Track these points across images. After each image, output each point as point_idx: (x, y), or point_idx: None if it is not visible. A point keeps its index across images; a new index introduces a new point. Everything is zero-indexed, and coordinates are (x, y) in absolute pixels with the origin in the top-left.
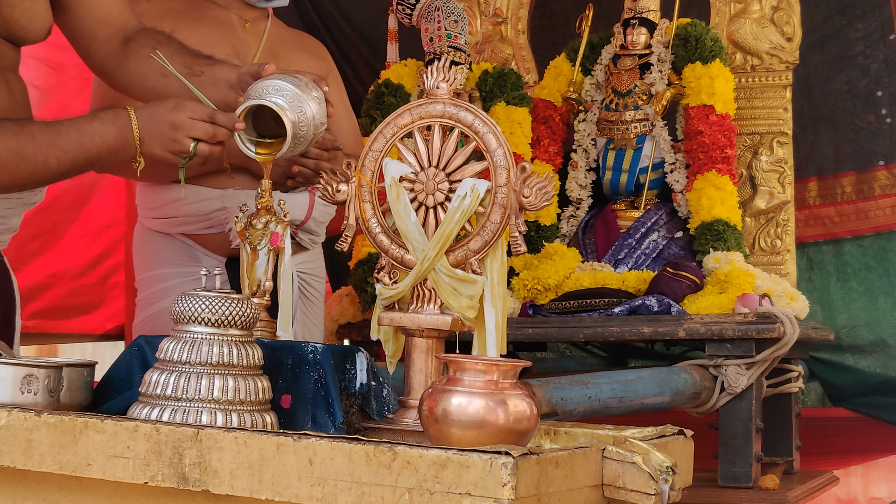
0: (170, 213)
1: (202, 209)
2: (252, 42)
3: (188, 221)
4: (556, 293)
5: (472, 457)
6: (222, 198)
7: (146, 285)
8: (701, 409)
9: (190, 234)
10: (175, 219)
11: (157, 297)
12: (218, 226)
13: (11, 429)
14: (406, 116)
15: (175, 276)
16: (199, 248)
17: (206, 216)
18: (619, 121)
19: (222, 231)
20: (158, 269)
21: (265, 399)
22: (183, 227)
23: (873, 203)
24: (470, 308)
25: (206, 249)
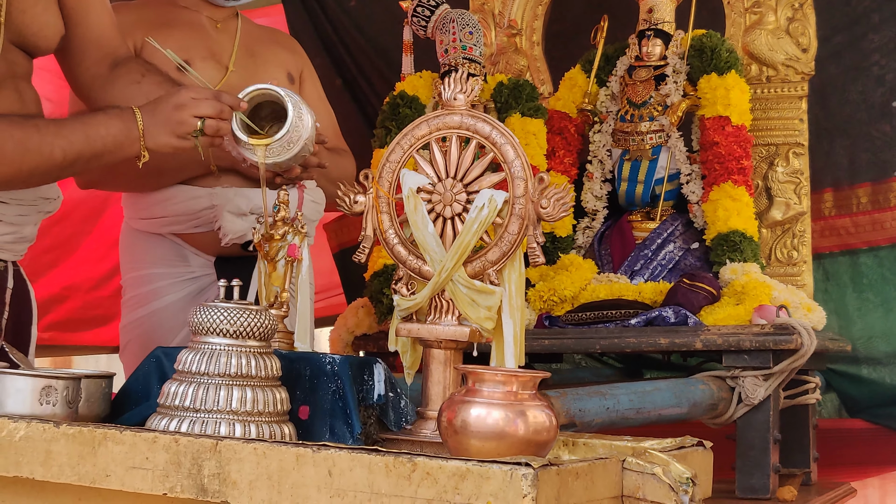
0: (158, 213)
1: (191, 208)
2: (226, 41)
3: (177, 221)
4: (573, 304)
5: (493, 468)
6: (211, 196)
7: (134, 285)
8: (718, 420)
9: (179, 234)
10: (164, 218)
11: (147, 299)
12: (206, 224)
13: (30, 440)
14: (423, 127)
15: (164, 277)
16: (188, 247)
17: (194, 215)
18: (634, 132)
19: (211, 229)
20: (147, 270)
21: (283, 410)
22: (172, 227)
23: (889, 214)
24: (488, 319)
25: (195, 248)
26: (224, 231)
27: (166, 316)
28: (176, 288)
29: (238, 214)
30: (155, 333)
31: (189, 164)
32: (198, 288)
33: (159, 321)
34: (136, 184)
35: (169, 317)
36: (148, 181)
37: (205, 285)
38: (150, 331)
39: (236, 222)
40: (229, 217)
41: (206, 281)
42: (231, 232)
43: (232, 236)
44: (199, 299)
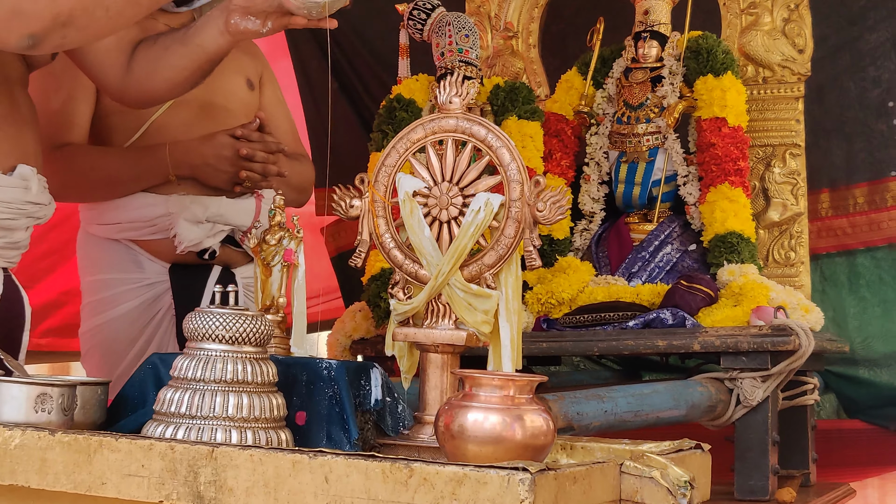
0: (114, 219)
1: (146, 214)
2: None
3: (132, 227)
4: (570, 307)
5: (490, 473)
6: (167, 203)
7: (91, 291)
8: (717, 422)
9: (134, 240)
10: (119, 224)
11: (105, 306)
12: (162, 231)
13: (25, 448)
14: (419, 131)
15: (120, 283)
16: (144, 253)
17: (150, 221)
18: (631, 134)
19: (167, 237)
20: (102, 275)
21: (280, 416)
22: (127, 233)
23: (886, 214)
24: (485, 323)
25: (151, 255)
26: (179, 238)
27: (124, 324)
28: (132, 295)
29: (194, 222)
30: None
31: (147, 173)
32: (153, 295)
33: (117, 329)
34: (93, 194)
35: (127, 325)
36: (105, 191)
37: (160, 292)
38: (109, 338)
39: (192, 230)
40: (185, 225)
41: (161, 288)
42: (186, 239)
43: (187, 244)
44: (155, 307)
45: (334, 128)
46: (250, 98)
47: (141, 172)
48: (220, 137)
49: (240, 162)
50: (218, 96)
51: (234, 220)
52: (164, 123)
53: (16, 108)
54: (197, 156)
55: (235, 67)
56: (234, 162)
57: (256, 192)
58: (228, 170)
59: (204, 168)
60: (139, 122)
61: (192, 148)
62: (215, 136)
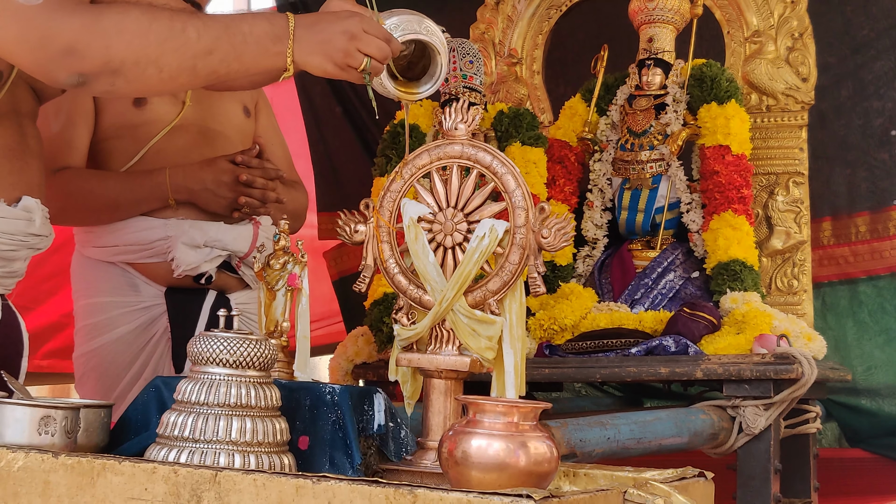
0: (111, 242)
1: (144, 238)
2: None
3: (130, 250)
4: (573, 333)
5: (494, 500)
6: (165, 227)
7: (86, 315)
8: (719, 449)
9: (131, 263)
10: (116, 247)
11: (100, 330)
12: (160, 255)
13: (29, 470)
14: (424, 157)
15: (116, 307)
16: (140, 276)
17: (147, 245)
18: (634, 161)
19: (163, 260)
20: (97, 298)
21: (283, 440)
22: (124, 256)
23: (888, 243)
24: (489, 349)
25: (147, 279)
26: (177, 262)
27: (120, 348)
28: (128, 319)
29: (192, 246)
30: (110, 366)
31: (147, 198)
32: (149, 319)
33: (113, 353)
34: (92, 217)
35: (123, 349)
36: (104, 215)
37: (156, 316)
38: (105, 363)
39: (190, 254)
40: (183, 249)
41: (157, 311)
42: (184, 263)
43: (185, 268)
44: (151, 330)
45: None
46: (246, 125)
47: (140, 197)
48: (220, 163)
49: (239, 188)
50: (215, 122)
51: (231, 246)
52: (161, 148)
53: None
54: (196, 181)
55: (232, 95)
56: (234, 187)
57: (254, 218)
58: (227, 195)
59: (203, 193)
60: (137, 147)
61: (191, 173)
62: (215, 162)
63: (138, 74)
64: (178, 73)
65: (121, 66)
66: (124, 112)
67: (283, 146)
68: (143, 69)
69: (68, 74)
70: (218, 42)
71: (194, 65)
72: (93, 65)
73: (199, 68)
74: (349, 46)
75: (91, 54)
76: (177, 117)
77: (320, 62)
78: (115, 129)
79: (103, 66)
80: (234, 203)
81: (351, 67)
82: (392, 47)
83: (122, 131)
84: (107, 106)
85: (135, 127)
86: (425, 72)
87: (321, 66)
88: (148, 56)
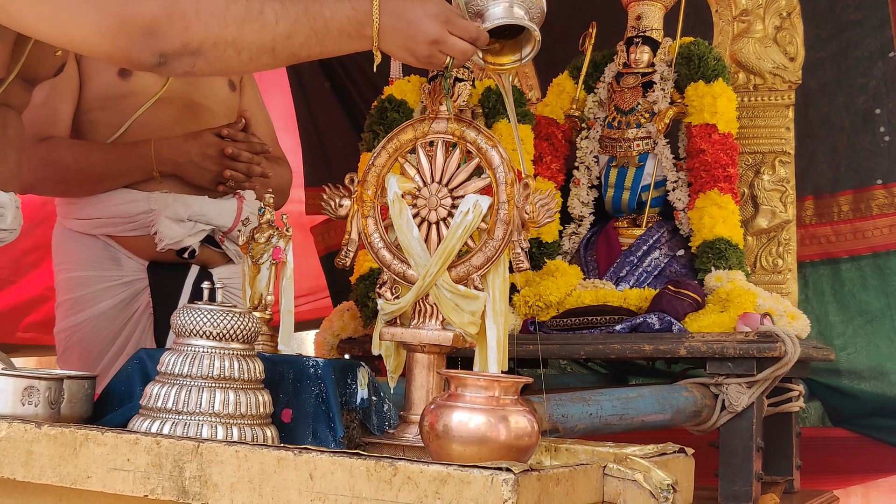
0: (93, 214)
1: (128, 211)
2: None
3: (112, 223)
4: (558, 310)
5: (473, 473)
6: (149, 200)
7: (67, 289)
8: (702, 427)
9: (113, 236)
10: (98, 219)
11: (82, 305)
12: (143, 228)
13: (12, 440)
14: (409, 132)
15: (97, 281)
16: (122, 250)
17: (131, 218)
18: (621, 138)
19: (146, 234)
20: (79, 272)
21: (266, 413)
22: (106, 228)
23: (870, 222)
24: (471, 324)
25: (130, 252)
26: (161, 236)
27: (102, 323)
28: (110, 293)
29: (176, 220)
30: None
31: (131, 169)
32: (131, 293)
33: (96, 328)
34: (75, 188)
35: (105, 324)
36: (87, 186)
37: (138, 290)
38: (87, 338)
39: (173, 228)
40: (167, 222)
41: (139, 286)
42: (168, 237)
43: (168, 242)
44: (133, 305)
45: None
46: (232, 99)
47: (124, 168)
48: (205, 136)
49: (224, 161)
50: (200, 96)
51: (215, 220)
52: (146, 121)
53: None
54: (181, 153)
55: None
56: (219, 161)
57: (238, 193)
58: (212, 168)
59: (188, 166)
60: (122, 119)
61: (176, 145)
62: (201, 135)
63: (217, 56)
64: (259, 55)
65: (199, 47)
66: (109, 83)
67: (267, 122)
68: (223, 51)
69: (150, 55)
70: (297, 25)
71: (273, 47)
72: (172, 46)
73: (278, 51)
74: (432, 50)
75: (170, 36)
76: (162, 89)
77: (403, 56)
78: (100, 101)
79: (183, 47)
80: (219, 176)
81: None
82: (479, 45)
83: (107, 103)
84: (92, 77)
85: (119, 98)
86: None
87: (404, 59)
88: (226, 38)
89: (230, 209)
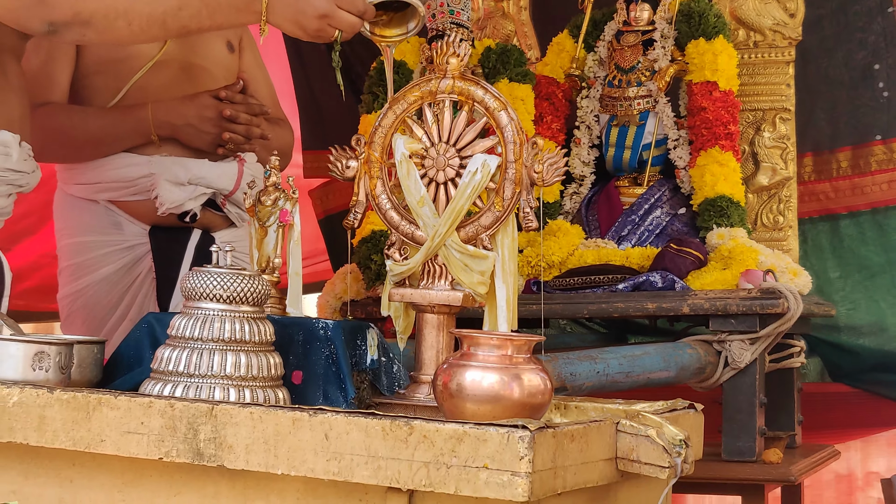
0: (94, 179)
1: (127, 175)
2: None
3: (113, 187)
4: (560, 270)
5: (489, 431)
6: (149, 164)
7: (69, 254)
8: (705, 384)
9: (114, 201)
10: (99, 184)
11: (84, 270)
12: (143, 193)
13: (24, 405)
14: (415, 92)
15: (99, 246)
16: (123, 214)
17: (131, 182)
18: (622, 97)
19: (147, 198)
20: (81, 237)
21: (277, 375)
22: (107, 193)
23: (869, 178)
24: (481, 284)
25: (131, 216)
26: (161, 200)
27: (105, 288)
28: (112, 259)
29: (176, 184)
30: (96, 306)
31: (129, 133)
32: (133, 258)
33: (98, 293)
34: (74, 153)
35: (107, 289)
36: (86, 151)
37: (140, 255)
38: (90, 303)
39: (174, 192)
40: (167, 186)
41: (141, 251)
42: (168, 201)
43: (169, 206)
44: (135, 270)
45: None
46: (230, 61)
47: (122, 132)
48: (203, 98)
49: (223, 123)
50: (198, 58)
51: (215, 184)
52: (144, 84)
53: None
54: (179, 116)
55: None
56: (217, 123)
57: (238, 155)
58: (211, 131)
59: (186, 128)
60: (119, 83)
61: (174, 108)
62: (198, 97)
63: (107, 26)
64: (148, 27)
65: (90, 17)
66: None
67: (267, 83)
68: (112, 21)
69: (39, 23)
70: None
71: (164, 20)
72: (63, 15)
73: (168, 23)
74: (321, 24)
75: (61, 5)
76: (159, 52)
77: (293, 29)
78: (97, 65)
79: (73, 16)
80: (218, 139)
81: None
82: (366, 18)
83: (104, 67)
84: None
85: (117, 62)
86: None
87: (294, 32)
88: (117, 9)
89: (231, 172)
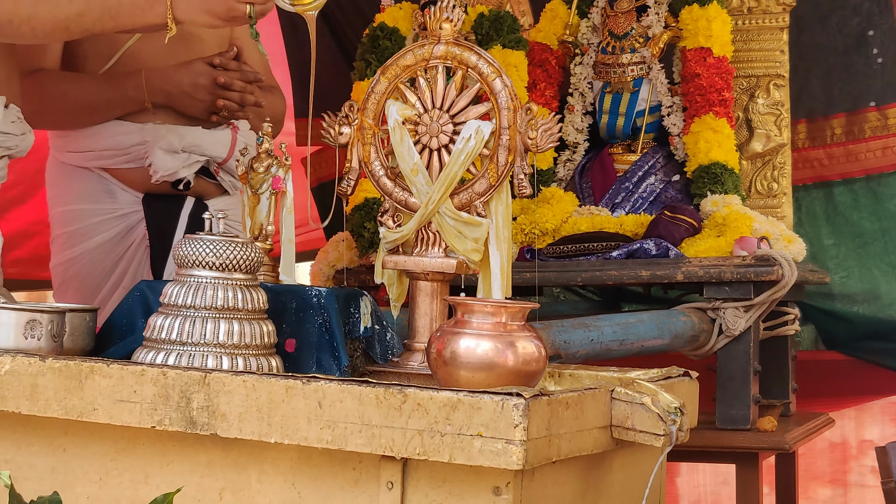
0: (87, 147)
1: (121, 143)
2: None
3: (106, 155)
4: (554, 237)
5: (484, 398)
6: (142, 132)
7: (62, 222)
8: (699, 351)
9: (107, 168)
10: (92, 152)
11: (78, 238)
12: (137, 160)
13: (16, 374)
14: (409, 57)
15: (92, 214)
16: (116, 182)
17: (124, 150)
18: (615, 64)
19: (141, 166)
20: (74, 205)
21: (270, 343)
22: (100, 161)
23: (863, 145)
24: (475, 251)
25: (124, 184)
26: (155, 168)
27: (99, 256)
28: (105, 227)
29: (170, 151)
30: (89, 274)
31: (122, 100)
32: (127, 226)
33: (92, 261)
34: (67, 121)
35: (101, 257)
36: (79, 118)
37: (134, 223)
38: (84, 271)
39: (167, 159)
40: (161, 154)
41: (134, 219)
42: (162, 169)
43: (162, 173)
44: (129, 238)
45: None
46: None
47: (116, 99)
48: (196, 65)
49: (217, 90)
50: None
51: (209, 151)
52: (136, 51)
53: None
54: (173, 83)
55: None
56: (211, 90)
57: (232, 123)
58: (205, 98)
59: (180, 96)
60: (112, 50)
61: (168, 75)
62: (192, 64)
63: (12, 31)
64: (52, 31)
65: None
66: None
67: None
68: (17, 27)
69: None
70: (90, 4)
71: (67, 25)
72: None
73: (72, 28)
74: (230, 3)
75: None
76: None
77: (204, 18)
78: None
79: None
80: (212, 106)
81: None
82: None
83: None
84: None
85: None
86: None
87: (206, 22)
88: (20, 16)
89: (224, 140)
